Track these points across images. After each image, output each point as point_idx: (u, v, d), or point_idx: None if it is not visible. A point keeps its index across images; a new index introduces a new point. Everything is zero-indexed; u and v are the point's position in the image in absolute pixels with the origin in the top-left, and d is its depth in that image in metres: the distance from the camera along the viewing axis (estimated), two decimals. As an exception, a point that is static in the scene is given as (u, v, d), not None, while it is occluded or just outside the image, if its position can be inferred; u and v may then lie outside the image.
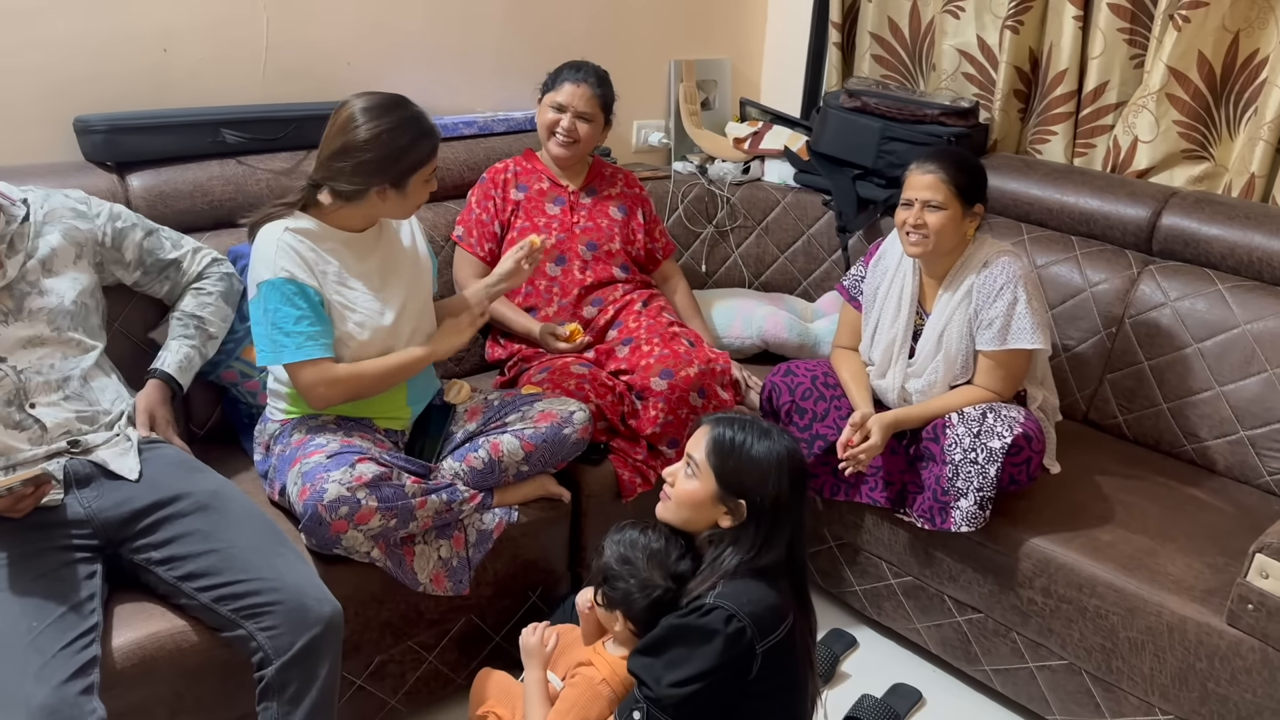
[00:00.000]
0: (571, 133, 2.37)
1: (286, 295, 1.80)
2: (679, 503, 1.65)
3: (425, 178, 1.89)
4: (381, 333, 1.93)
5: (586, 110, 2.37)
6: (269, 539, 1.69)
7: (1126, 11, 2.56)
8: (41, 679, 1.39)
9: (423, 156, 1.85)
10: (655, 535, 1.72)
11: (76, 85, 2.17)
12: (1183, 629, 1.83)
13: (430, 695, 2.03)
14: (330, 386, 1.84)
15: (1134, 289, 2.41)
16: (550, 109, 2.39)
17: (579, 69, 2.40)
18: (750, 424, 1.63)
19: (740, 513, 1.59)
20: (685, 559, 1.68)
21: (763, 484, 1.58)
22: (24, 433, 1.69)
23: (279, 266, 1.81)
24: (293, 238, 1.85)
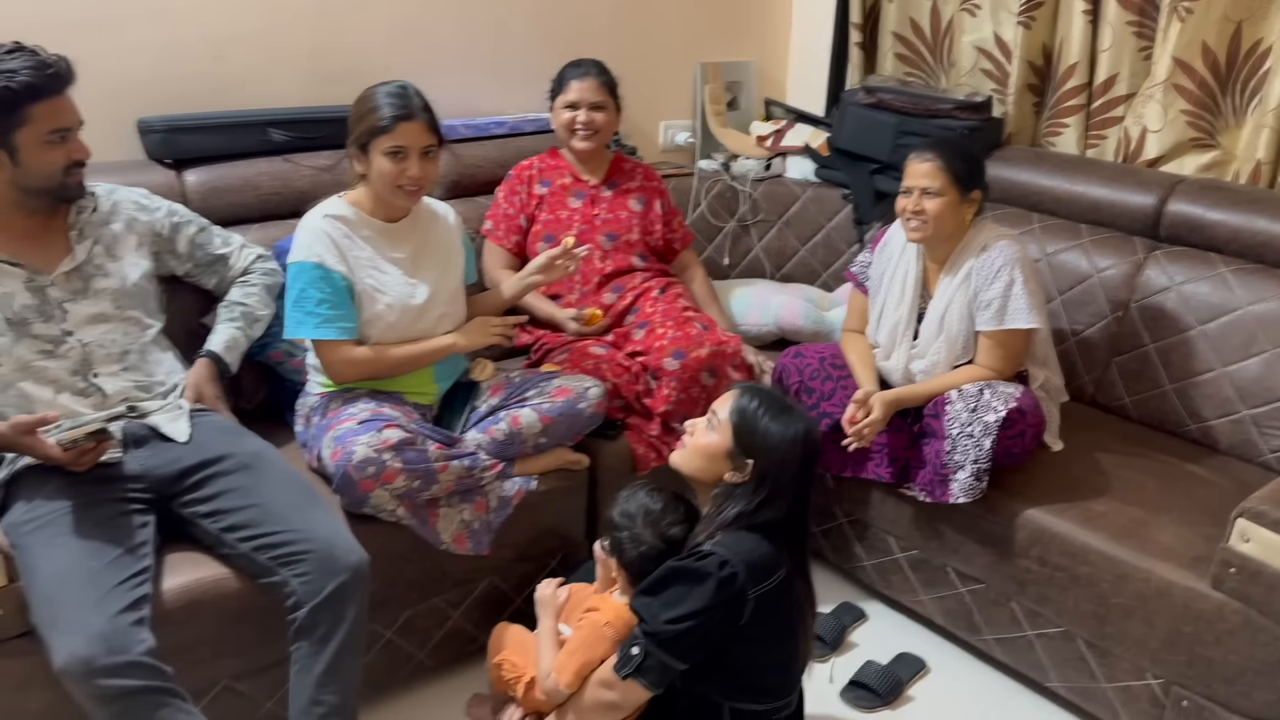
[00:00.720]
0: (590, 124, 2.52)
1: (313, 279, 1.97)
2: (694, 450, 1.77)
3: (384, 149, 1.97)
4: (411, 314, 2.08)
5: (597, 99, 2.52)
6: (304, 495, 1.85)
7: (1134, 4, 2.63)
8: (99, 609, 1.56)
9: (378, 123, 1.96)
10: (657, 499, 1.86)
11: (139, 90, 2.38)
12: (1169, 594, 1.90)
13: (455, 651, 2.18)
14: (348, 365, 2.02)
15: (1140, 274, 2.48)
16: (564, 110, 2.54)
17: (578, 65, 2.56)
18: (775, 398, 1.75)
19: (746, 471, 1.70)
20: (678, 526, 1.82)
21: (772, 451, 1.69)
22: (88, 399, 1.87)
23: (311, 251, 1.98)
24: (329, 224, 2.02)
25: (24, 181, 1.80)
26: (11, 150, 1.75)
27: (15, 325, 1.82)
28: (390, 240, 2.09)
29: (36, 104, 1.73)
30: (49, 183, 1.81)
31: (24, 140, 1.75)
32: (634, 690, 1.67)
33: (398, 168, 1.99)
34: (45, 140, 1.77)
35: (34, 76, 1.72)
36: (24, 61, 1.72)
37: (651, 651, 1.64)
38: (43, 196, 1.83)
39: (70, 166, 1.82)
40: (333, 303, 1.99)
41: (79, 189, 1.88)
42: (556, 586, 1.93)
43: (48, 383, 1.84)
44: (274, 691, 1.89)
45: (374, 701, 2.10)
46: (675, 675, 1.67)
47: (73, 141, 1.82)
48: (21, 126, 1.74)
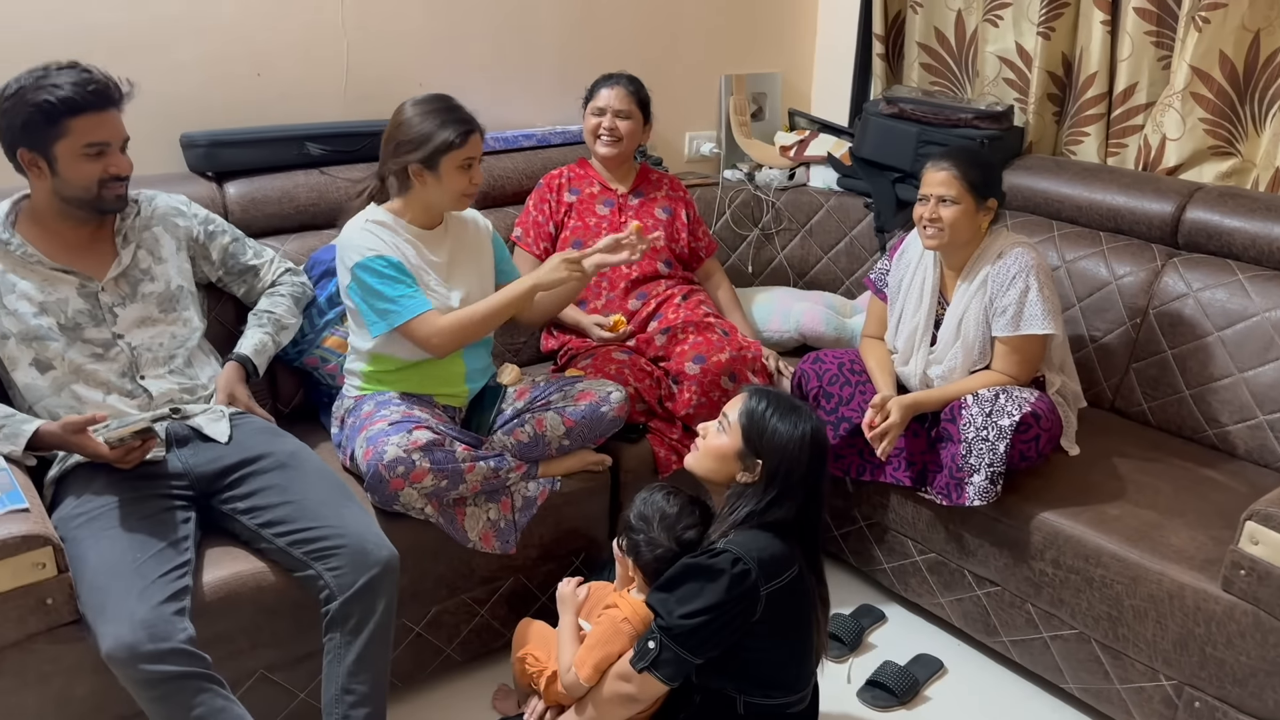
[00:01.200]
0: (613, 130, 2.60)
1: (378, 270, 2.05)
2: (705, 452, 1.83)
3: (458, 163, 2.08)
4: None
5: (623, 108, 2.61)
6: (337, 493, 1.93)
7: (1152, 15, 2.66)
8: (143, 598, 1.65)
9: (449, 139, 2.05)
10: (674, 502, 1.92)
11: (183, 106, 2.49)
12: (1181, 596, 1.92)
13: (482, 646, 2.25)
14: (441, 335, 2.07)
15: (1158, 281, 2.50)
16: (592, 116, 2.64)
17: (611, 76, 2.66)
18: (784, 399, 1.81)
19: (756, 471, 1.76)
20: (693, 530, 1.88)
21: (781, 451, 1.75)
22: (134, 400, 1.97)
23: (365, 248, 2.07)
24: (373, 226, 2.11)
25: (62, 191, 1.89)
26: (51, 160, 1.85)
27: (68, 330, 1.92)
28: (428, 246, 2.18)
29: (75, 118, 1.82)
30: (85, 194, 1.89)
31: (62, 152, 1.84)
32: (650, 684, 1.73)
33: (466, 177, 2.10)
34: (82, 153, 1.85)
35: (74, 92, 1.80)
36: (69, 78, 1.81)
37: (667, 646, 1.70)
38: (81, 207, 1.92)
39: (107, 180, 1.90)
40: (407, 281, 2.07)
41: (117, 202, 1.95)
42: (577, 585, 1.99)
43: (98, 385, 1.94)
44: (308, 682, 1.97)
45: (404, 693, 2.18)
46: (690, 669, 1.73)
47: (111, 156, 1.89)
48: (60, 139, 1.83)
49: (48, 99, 1.79)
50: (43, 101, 1.79)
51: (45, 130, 1.82)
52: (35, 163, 1.85)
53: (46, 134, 1.82)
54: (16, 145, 1.84)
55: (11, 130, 1.83)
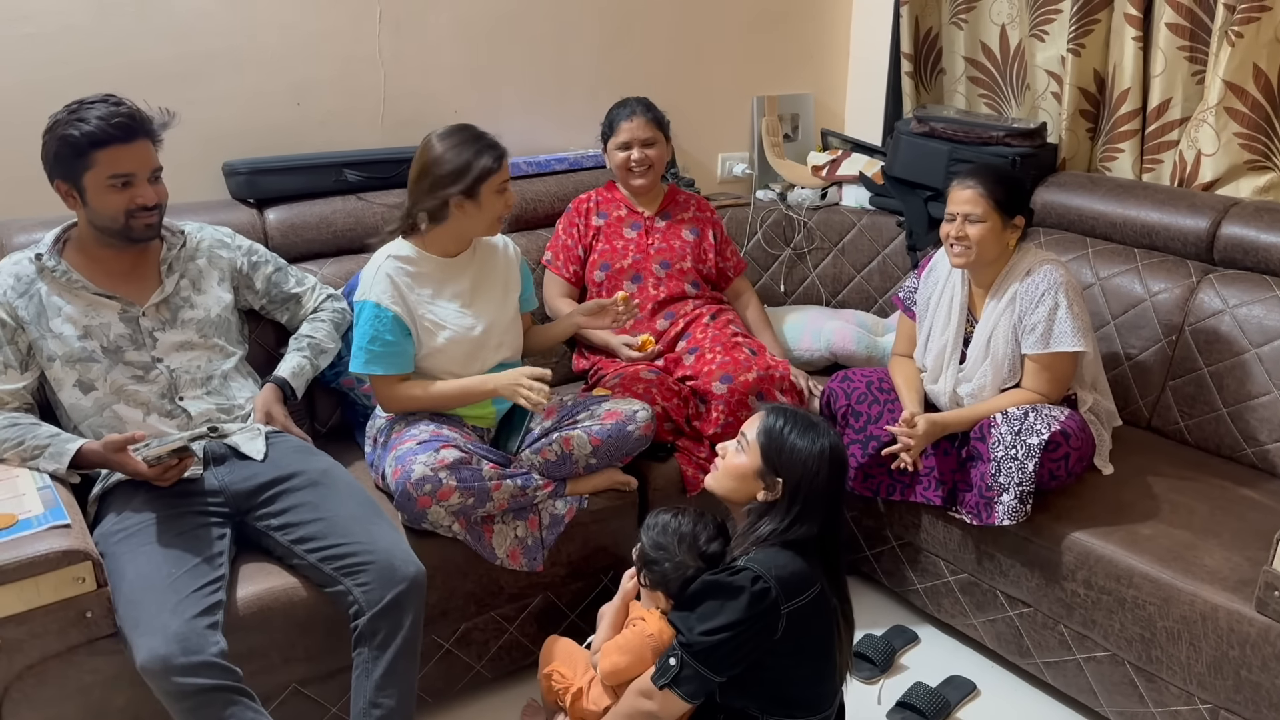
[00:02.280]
0: (643, 161, 2.63)
1: (369, 317, 2.13)
2: (725, 472, 1.84)
3: (496, 188, 2.13)
4: (470, 344, 2.21)
5: (647, 136, 2.64)
6: (367, 510, 1.97)
7: (1185, 30, 2.63)
8: (177, 612, 1.69)
9: (489, 166, 2.10)
10: (686, 520, 1.94)
11: (225, 135, 2.58)
12: (1215, 617, 1.89)
13: (511, 663, 2.27)
14: (392, 401, 2.17)
15: (1193, 297, 2.47)
16: (617, 151, 2.67)
17: (624, 105, 2.68)
18: (800, 417, 1.81)
19: (776, 490, 1.77)
20: (715, 541, 1.90)
21: (800, 468, 1.75)
22: (173, 420, 2.04)
23: (370, 291, 2.13)
24: (392, 265, 2.16)
25: (94, 221, 1.97)
26: (81, 191, 1.93)
27: (110, 353, 2.00)
28: (450, 275, 2.22)
29: (100, 150, 1.89)
30: (113, 224, 1.96)
31: (90, 183, 1.91)
32: (672, 701, 1.74)
33: (504, 200, 2.15)
34: (107, 184, 1.92)
35: (98, 126, 1.87)
36: (97, 111, 1.89)
37: (688, 663, 1.70)
38: (113, 237, 1.99)
39: (134, 211, 1.95)
40: (384, 341, 2.13)
41: (146, 231, 2.00)
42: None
43: (138, 405, 2.01)
44: (339, 696, 2.00)
45: (434, 709, 2.21)
46: (712, 687, 1.74)
47: (138, 187, 1.94)
48: (87, 170, 1.90)
49: (73, 133, 1.87)
50: (69, 135, 1.87)
51: (73, 163, 1.89)
52: (70, 194, 1.94)
53: (75, 166, 1.90)
54: (53, 177, 1.93)
55: (48, 162, 1.92)
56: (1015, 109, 3.18)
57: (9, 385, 1.96)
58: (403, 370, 2.17)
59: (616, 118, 2.67)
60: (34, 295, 1.98)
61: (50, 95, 1.99)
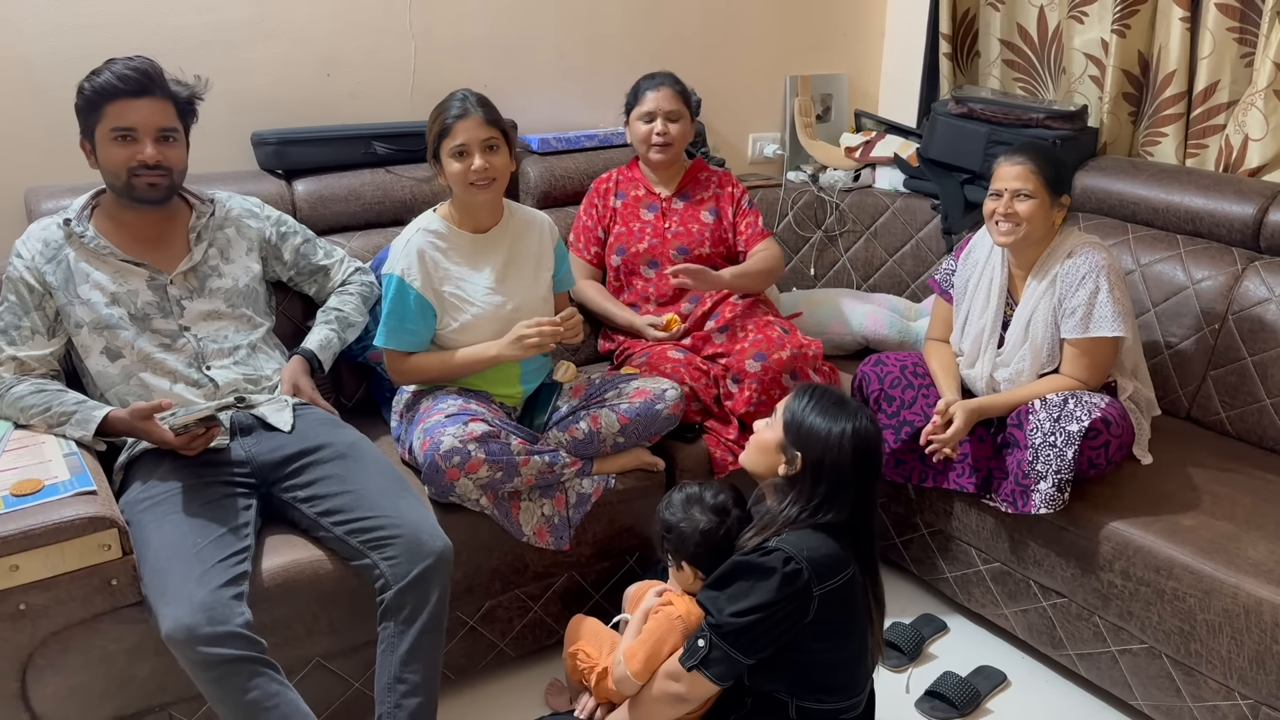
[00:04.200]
0: (665, 134, 2.54)
1: (390, 290, 2.12)
2: (752, 445, 1.85)
3: (450, 150, 2.08)
4: (500, 322, 2.18)
5: (672, 109, 2.55)
6: (394, 484, 1.95)
7: (1235, 10, 2.56)
8: (202, 582, 1.68)
9: (443, 126, 2.09)
10: (689, 488, 1.96)
11: (254, 105, 2.55)
12: (1259, 611, 1.84)
13: (535, 642, 2.25)
14: (396, 373, 2.18)
15: (1238, 285, 2.41)
16: (640, 122, 2.57)
17: (652, 77, 2.59)
18: (830, 395, 1.78)
19: (795, 464, 1.74)
20: (722, 495, 1.91)
21: (819, 445, 1.72)
22: (200, 390, 2.02)
23: (398, 265, 2.11)
24: (422, 237, 2.14)
25: (104, 179, 1.97)
26: (94, 146, 1.93)
27: (138, 320, 1.98)
28: (481, 251, 2.19)
29: (109, 103, 1.89)
30: (116, 181, 1.95)
31: (99, 137, 1.92)
32: (700, 683, 1.71)
33: (464, 165, 2.09)
34: (110, 138, 1.91)
35: (108, 78, 1.88)
36: (114, 66, 1.89)
37: (717, 644, 1.67)
38: (120, 196, 1.98)
39: (135, 168, 1.92)
40: (400, 315, 2.12)
41: (149, 192, 1.96)
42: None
43: (165, 374, 1.99)
44: (363, 671, 1.99)
45: (458, 686, 2.19)
46: (741, 670, 1.71)
47: (140, 144, 1.92)
48: (98, 124, 1.90)
49: (86, 85, 1.89)
50: (84, 87, 1.89)
51: (88, 117, 1.91)
52: (90, 152, 1.94)
53: (89, 120, 1.91)
54: (80, 135, 1.94)
55: (77, 120, 1.92)
56: (1051, 93, 3.11)
57: (36, 351, 1.94)
58: (414, 349, 2.16)
59: (643, 87, 2.59)
60: (62, 261, 1.96)
61: (79, 62, 1.97)
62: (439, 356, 2.17)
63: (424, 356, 2.17)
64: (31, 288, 1.94)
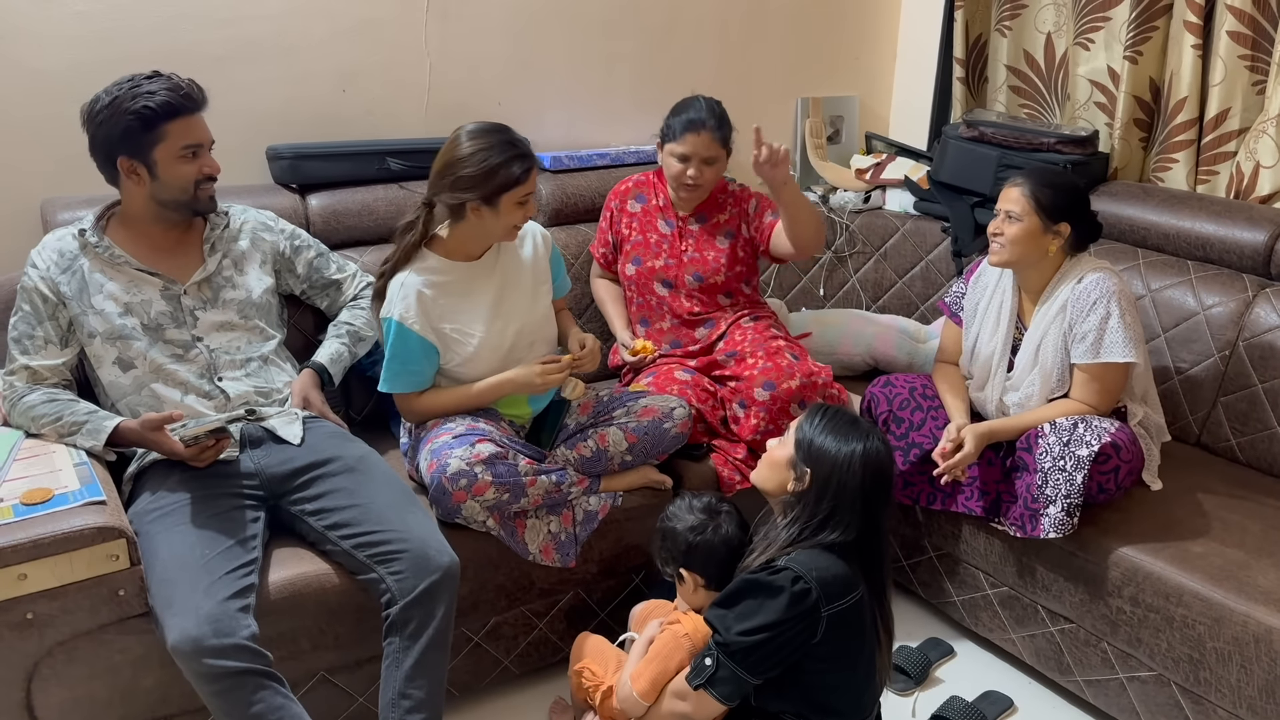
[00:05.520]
0: (698, 179, 2.44)
1: (390, 334, 2.11)
2: (764, 462, 1.84)
3: (518, 199, 2.07)
4: (503, 349, 2.19)
5: (710, 155, 2.42)
6: (402, 499, 1.95)
7: (1247, 39, 2.57)
8: (209, 594, 1.68)
9: (514, 177, 2.03)
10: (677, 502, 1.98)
11: (270, 119, 2.57)
12: (1269, 640, 1.83)
13: (539, 659, 2.24)
14: (409, 414, 2.19)
15: (1249, 312, 2.40)
16: (674, 160, 2.44)
17: (694, 111, 2.42)
18: (843, 416, 1.78)
19: (804, 480, 1.74)
20: (710, 498, 1.94)
21: (829, 462, 1.72)
22: (211, 401, 2.02)
23: (395, 309, 2.10)
24: (416, 280, 2.12)
25: (160, 195, 1.97)
26: (150, 165, 1.93)
27: (150, 330, 1.99)
28: (476, 279, 2.19)
29: (172, 122, 1.91)
30: (183, 195, 1.98)
31: (161, 155, 1.93)
32: (706, 702, 1.71)
33: (523, 212, 2.10)
34: (179, 155, 1.94)
35: (170, 97, 1.90)
36: (161, 84, 1.91)
37: (724, 663, 1.67)
38: (178, 209, 2.01)
39: (202, 181, 1.99)
40: (403, 359, 2.12)
41: (209, 202, 2.05)
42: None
43: (177, 384, 2.00)
44: (367, 686, 1.99)
45: (461, 703, 2.18)
46: (748, 689, 1.70)
47: (204, 157, 1.99)
48: (160, 143, 1.92)
49: (146, 105, 1.88)
50: (142, 109, 1.88)
51: (143, 136, 1.90)
52: (134, 170, 1.94)
53: (145, 140, 1.91)
54: (116, 154, 1.93)
55: (110, 141, 1.91)
56: (1057, 118, 3.12)
57: (48, 361, 1.95)
58: (419, 389, 2.16)
59: (682, 127, 2.41)
60: (76, 271, 1.98)
61: (95, 76, 1.99)
62: (451, 395, 2.16)
63: (436, 395, 2.17)
64: (45, 298, 1.96)
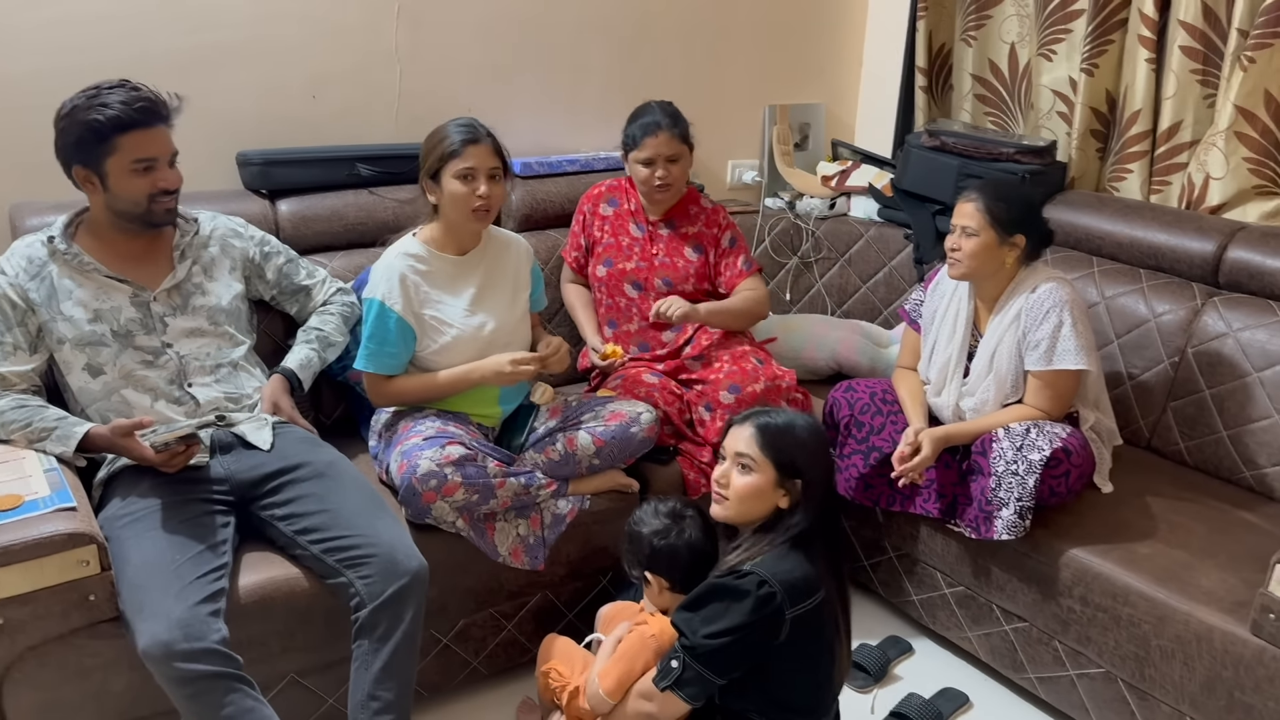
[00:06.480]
0: (667, 177, 2.49)
1: (370, 314, 2.15)
2: (739, 498, 1.79)
3: (456, 172, 2.10)
4: (478, 344, 2.22)
5: (672, 153, 2.48)
6: (371, 504, 1.98)
7: (1198, 53, 2.65)
8: (180, 598, 1.70)
9: (449, 147, 2.09)
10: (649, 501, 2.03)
11: (240, 125, 2.59)
12: (1210, 638, 1.90)
13: (508, 660, 2.28)
14: (376, 396, 2.22)
15: (1197, 319, 2.48)
16: (640, 166, 2.51)
17: (648, 114, 2.50)
18: (780, 411, 1.85)
19: (797, 492, 1.78)
20: (676, 503, 1.99)
21: (814, 459, 1.78)
22: (181, 407, 2.04)
23: (379, 289, 2.15)
24: (403, 262, 2.17)
25: (114, 205, 1.98)
26: (103, 176, 1.94)
27: (120, 337, 2.00)
28: (460, 274, 2.23)
29: (123, 135, 1.90)
30: (135, 208, 1.98)
31: (112, 168, 1.93)
32: (672, 702, 1.75)
33: (468, 189, 2.11)
34: (130, 169, 1.93)
35: (122, 111, 1.89)
36: (118, 96, 1.90)
37: (690, 665, 1.71)
38: (133, 221, 2.00)
39: (156, 195, 1.97)
40: (380, 339, 2.15)
41: (166, 216, 2.03)
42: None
43: (147, 390, 2.02)
44: (337, 688, 2.02)
45: (431, 703, 2.22)
46: (713, 689, 1.74)
47: (159, 171, 1.96)
48: (110, 155, 1.91)
49: (97, 118, 1.88)
50: (92, 120, 1.88)
51: (96, 148, 1.90)
52: (89, 179, 1.95)
53: (97, 151, 1.91)
54: (71, 162, 1.94)
55: (66, 148, 1.93)
56: (1020, 127, 3.19)
57: (18, 367, 1.97)
58: (393, 372, 2.19)
59: (641, 132, 2.49)
60: (45, 278, 1.99)
61: (65, 81, 1.99)
62: (420, 380, 2.20)
63: (405, 380, 2.21)
64: (14, 304, 1.97)
